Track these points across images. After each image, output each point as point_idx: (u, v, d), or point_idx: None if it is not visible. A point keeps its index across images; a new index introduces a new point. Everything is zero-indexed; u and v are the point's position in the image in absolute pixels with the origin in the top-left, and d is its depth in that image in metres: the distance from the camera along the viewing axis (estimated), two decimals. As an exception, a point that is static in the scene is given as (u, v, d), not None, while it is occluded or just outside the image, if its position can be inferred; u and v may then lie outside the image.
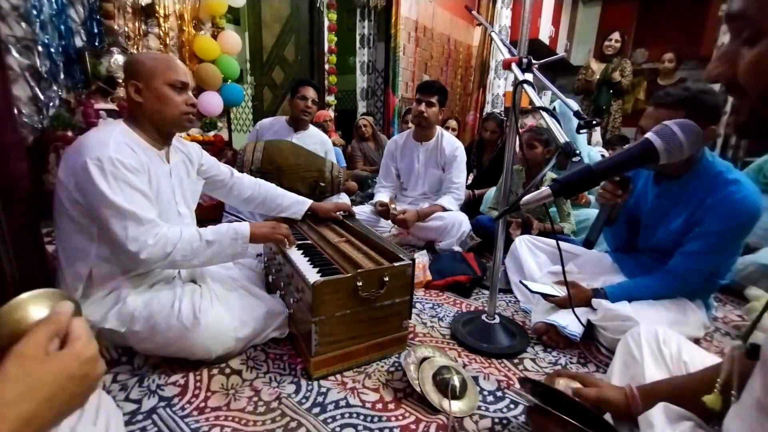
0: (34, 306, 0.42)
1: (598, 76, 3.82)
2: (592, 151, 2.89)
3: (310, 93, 2.41)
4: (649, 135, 0.60)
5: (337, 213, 1.69)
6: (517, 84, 1.02)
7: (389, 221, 2.25)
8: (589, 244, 1.25)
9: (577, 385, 0.83)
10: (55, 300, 0.43)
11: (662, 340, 0.87)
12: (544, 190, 0.54)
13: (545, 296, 1.40)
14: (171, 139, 1.24)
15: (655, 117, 1.17)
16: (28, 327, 0.40)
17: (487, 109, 5.17)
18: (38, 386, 0.36)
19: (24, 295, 0.42)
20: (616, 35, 3.78)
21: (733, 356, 0.56)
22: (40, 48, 2.13)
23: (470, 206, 2.71)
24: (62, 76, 2.26)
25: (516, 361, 1.27)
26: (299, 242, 1.41)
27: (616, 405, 0.76)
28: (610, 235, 1.57)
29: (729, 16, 0.43)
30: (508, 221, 2.13)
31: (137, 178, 1.06)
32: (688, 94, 1.12)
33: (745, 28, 0.41)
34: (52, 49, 2.18)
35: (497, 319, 1.41)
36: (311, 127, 2.59)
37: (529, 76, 1.04)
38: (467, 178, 2.68)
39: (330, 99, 4.35)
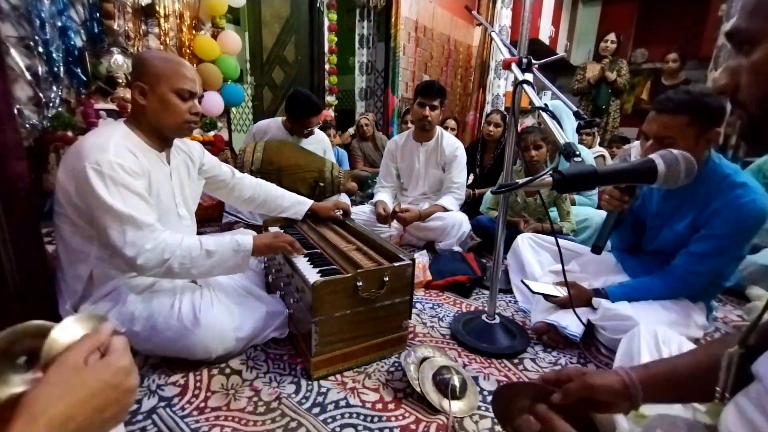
0: (79, 326, 0.46)
1: (589, 75, 3.84)
2: (585, 152, 2.90)
3: (314, 123, 2.43)
4: (654, 156, 0.62)
5: (337, 212, 1.69)
6: (517, 84, 1.02)
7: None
8: (597, 249, 1.23)
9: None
10: (99, 321, 0.47)
11: (662, 340, 0.87)
12: (545, 177, 0.55)
13: (546, 296, 1.40)
14: (171, 142, 1.23)
15: (658, 122, 1.17)
16: (72, 343, 0.44)
17: (487, 109, 5.17)
18: (73, 391, 0.39)
19: (72, 317, 0.46)
20: (611, 36, 3.82)
21: (729, 361, 0.55)
22: (40, 48, 2.13)
23: (470, 206, 2.71)
24: (62, 76, 2.26)
25: (516, 361, 1.27)
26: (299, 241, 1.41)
27: (610, 391, 0.67)
28: (616, 237, 1.55)
29: (727, 35, 0.49)
30: (515, 222, 2.14)
31: (136, 181, 1.04)
32: (690, 99, 1.11)
33: (741, 42, 0.47)
34: (52, 49, 2.18)
35: (497, 319, 1.41)
36: None
37: (529, 76, 1.04)
38: (468, 178, 2.68)
39: (330, 99, 4.35)
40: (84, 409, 0.39)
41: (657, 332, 0.89)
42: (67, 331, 0.44)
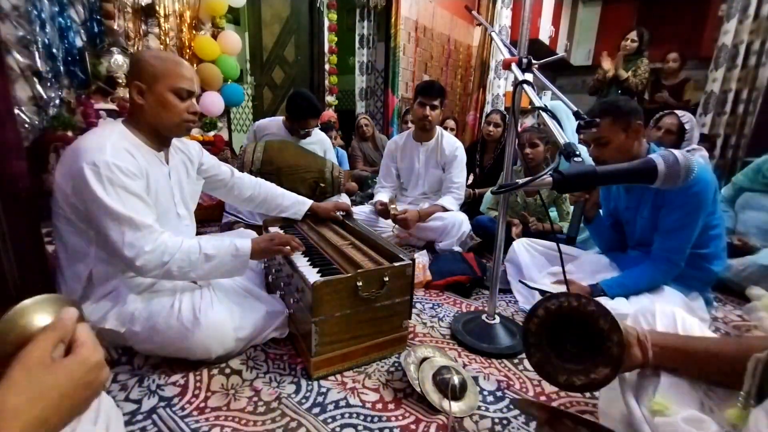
0: (38, 311, 0.42)
1: (609, 75, 3.68)
2: (585, 153, 2.89)
3: (312, 124, 2.42)
4: (654, 157, 0.63)
5: (337, 212, 1.69)
6: (517, 84, 1.02)
7: (389, 221, 2.25)
8: (571, 240, 1.37)
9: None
10: (59, 305, 0.43)
11: (680, 326, 0.78)
12: (545, 177, 0.56)
13: (542, 292, 1.40)
14: (169, 142, 1.23)
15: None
16: (33, 333, 0.40)
17: (487, 109, 5.17)
18: (45, 393, 0.36)
19: (28, 301, 0.42)
20: (632, 35, 3.56)
21: (756, 366, 0.55)
22: (40, 48, 2.12)
23: (470, 206, 2.71)
24: (62, 76, 2.26)
25: (516, 361, 1.27)
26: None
27: (628, 340, 0.68)
28: (597, 238, 1.64)
29: None
30: (508, 222, 2.13)
31: (134, 182, 1.04)
32: (607, 104, 1.37)
33: None
34: (53, 49, 2.17)
35: (497, 319, 1.41)
36: None
37: (529, 76, 1.04)
38: (468, 178, 2.68)
39: (330, 99, 4.34)
40: (57, 410, 0.37)
41: (675, 314, 0.79)
42: (26, 317, 0.41)
